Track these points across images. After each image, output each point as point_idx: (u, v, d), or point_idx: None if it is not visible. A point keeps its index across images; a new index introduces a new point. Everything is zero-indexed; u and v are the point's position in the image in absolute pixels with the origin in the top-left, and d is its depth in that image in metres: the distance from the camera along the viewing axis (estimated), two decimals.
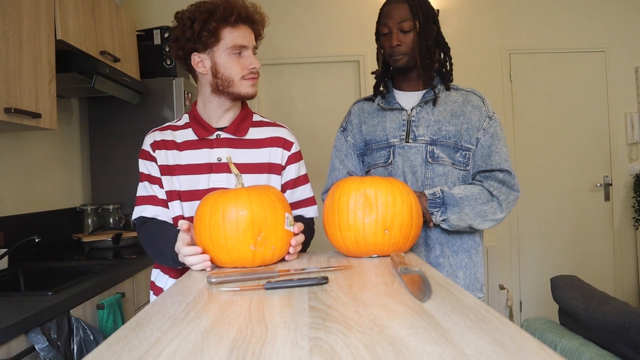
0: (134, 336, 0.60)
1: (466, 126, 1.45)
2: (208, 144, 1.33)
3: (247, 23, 1.29)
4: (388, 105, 1.50)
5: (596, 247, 3.70)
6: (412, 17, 1.42)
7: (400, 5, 1.43)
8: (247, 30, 1.29)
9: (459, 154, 1.45)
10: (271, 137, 1.37)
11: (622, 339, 1.27)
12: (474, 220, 1.40)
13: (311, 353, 0.52)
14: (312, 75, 3.67)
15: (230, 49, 1.27)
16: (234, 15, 1.25)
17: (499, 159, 1.44)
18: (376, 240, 1.09)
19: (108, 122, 2.93)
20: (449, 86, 1.50)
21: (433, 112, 1.46)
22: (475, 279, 1.49)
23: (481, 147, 1.45)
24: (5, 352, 1.20)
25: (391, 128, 1.48)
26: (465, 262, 1.47)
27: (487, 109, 1.48)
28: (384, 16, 1.46)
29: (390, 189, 1.10)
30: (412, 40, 1.43)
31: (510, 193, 1.44)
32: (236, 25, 1.27)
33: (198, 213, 1.07)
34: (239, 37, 1.27)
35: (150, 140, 1.36)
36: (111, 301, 1.72)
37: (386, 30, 1.45)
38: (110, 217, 2.81)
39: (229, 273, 0.93)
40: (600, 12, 3.69)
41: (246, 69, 1.29)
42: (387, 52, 1.46)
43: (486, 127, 1.46)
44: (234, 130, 1.34)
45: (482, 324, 0.59)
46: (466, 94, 1.50)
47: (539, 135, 3.69)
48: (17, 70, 1.77)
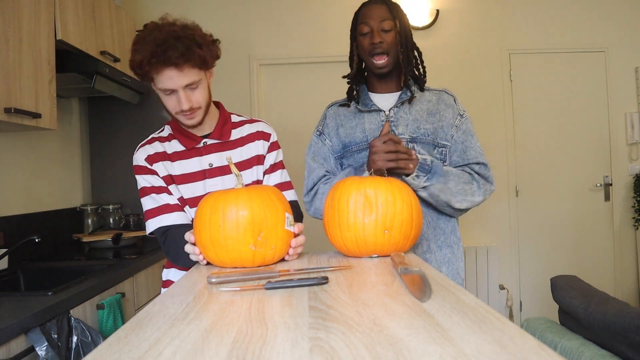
0: (134, 336, 0.60)
1: (441, 124, 1.50)
2: (197, 152, 1.38)
3: (175, 66, 1.22)
4: (365, 107, 1.52)
5: (596, 247, 3.70)
6: (392, 17, 1.45)
7: (379, 5, 1.47)
8: (173, 72, 1.23)
9: (436, 151, 1.49)
10: (251, 132, 1.44)
11: (622, 339, 1.27)
12: (455, 197, 1.43)
13: (311, 353, 0.52)
14: (311, 75, 3.67)
15: (159, 89, 1.27)
16: (155, 62, 1.21)
17: (475, 153, 1.50)
18: (376, 241, 1.09)
19: (108, 122, 2.93)
20: (423, 87, 1.54)
21: (410, 112, 1.50)
22: (457, 274, 1.52)
23: (455, 143, 1.50)
24: (5, 352, 1.20)
25: (370, 129, 1.50)
26: (449, 257, 1.51)
27: (458, 107, 1.54)
28: (363, 16, 1.48)
29: (390, 188, 1.10)
30: (392, 39, 1.45)
31: (486, 184, 1.49)
32: (160, 70, 1.23)
33: (198, 213, 1.08)
34: (163, 81, 1.24)
35: (143, 155, 1.36)
36: (111, 301, 1.72)
37: (367, 29, 1.46)
38: (110, 217, 2.81)
39: (229, 273, 0.93)
40: (600, 12, 3.69)
41: (177, 107, 1.28)
42: (367, 49, 1.46)
43: (458, 124, 1.51)
44: (218, 135, 1.40)
45: (482, 324, 0.59)
46: (439, 94, 1.55)
47: (539, 135, 3.69)
48: (17, 71, 1.77)
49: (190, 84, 1.26)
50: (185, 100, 1.26)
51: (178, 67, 1.22)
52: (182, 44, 1.21)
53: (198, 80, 1.27)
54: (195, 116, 1.30)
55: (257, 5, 3.61)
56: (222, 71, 3.49)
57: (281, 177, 1.45)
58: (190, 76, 1.25)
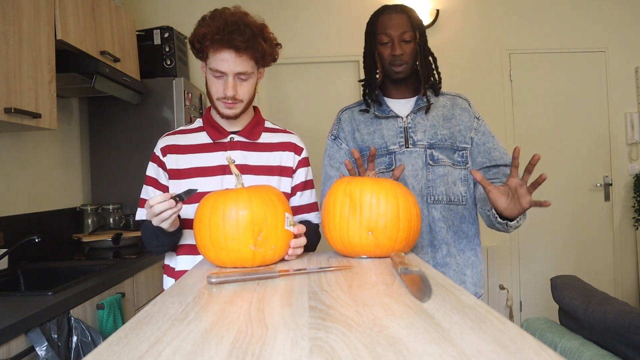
0: (134, 336, 0.60)
1: (458, 127, 1.51)
2: (222, 146, 1.37)
3: (235, 49, 1.23)
4: (383, 113, 1.52)
5: (596, 247, 3.70)
6: (412, 29, 1.45)
7: (399, 15, 1.46)
8: (231, 55, 1.24)
9: (457, 154, 1.50)
10: (283, 142, 1.42)
11: (622, 339, 1.27)
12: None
13: (311, 353, 0.52)
14: (312, 75, 3.67)
15: (210, 69, 1.28)
16: (218, 39, 1.22)
17: (500, 154, 1.52)
18: (361, 242, 1.07)
19: (108, 122, 2.93)
20: (438, 92, 1.55)
21: (427, 118, 1.51)
22: (480, 276, 1.55)
23: (477, 145, 1.53)
24: (5, 352, 1.20)
25: (389, 135, 1.51)
26: (472, 260, 1.52)
27: (473, 110, 1.57)
28: (383, 26, 1.47)
29: (376, 190, 1.08)
30: (411, 50, 1.46)
31: None
32: (218, 50, 1.24)
33: (198, 213, 1.08)
34: (218, 61, 1.25)
35: (162, 144, 1.38)
36: (111, 301, 1.72)
37: (386, 39, 1.46)
38: (110, 217, 2.81)
39: (229, 273, 0.93)
40: (600, 12, 3.69)
41: (221, 92, 1.29)
42: (387, 60, 1.47)
43: (476, 127, 1.54)
44: (247, 134, 1.39)
45: (482, 324, 0.59)
46: (453, 98, 1.57)
47: (539, 135, 3.69)
48: (17, 70, 1.77)
49: (242, 73, 1.26)
50: (231, 87, 1.26)
51: (238, 52, 1.23)
52: (250, 31, 1.23)
53: (250, 73, 1.28)
54: (235, 107, 1.31)
55: (257, 6, 3.61)
56: None
57: (310, 197, 1.45)
58: (245, 65, 1.25)
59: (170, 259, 1.41)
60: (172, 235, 1.27)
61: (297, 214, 1.40)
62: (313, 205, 1.46)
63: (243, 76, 1.27)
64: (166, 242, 1.28)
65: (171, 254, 1.40)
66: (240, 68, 1.25)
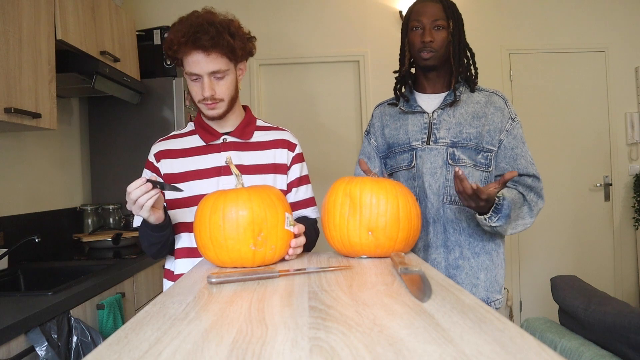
0: (134, 336, 0.60)
1: (488, 127, 1.44)
2: (215, 148, 1.37)
3: (203, 49, 1.23)
4: (410, 108, 1.50)
5: (596, 247, 3.70)
6: (445, 17, 1.42)
7: (435, 4, 1.43)
8: (200, 56, 1.24)
9: (481, 156, 1.44)
10: (275, 139, 1.41)
11: (622, 339, 1.27)
12: (510, 224, 1.39)
13: (311, 353, 0.52)
14: (312, 75, 3.67)
15: (187, 74, 1.28)
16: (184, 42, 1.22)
17: (525, 162, 1.44)
18: (360, 242, 1.07)
19: (108, 122, 2.93)
20: (474, 88, 1.49)
21: (454, 115, 1.45)
22: (495, 281, 1.48)
23: (504, 149, 1.45)
24: (5, 352, 1.20)
25: (413, 131, 1.48)
26: (487, 264, 1.46)
27: (510, 110, 1.47)
28: (416, 13, 1.44)
29: (376, 189, 1.07)
30: (443, 39, 1.42)
31: (538, 200, 1.44)
32: (187, 53, 1.24)
33: (198, 213, 1.08)
34: (190, 64, 1.26)
35: (155, 150, 1.39)
36: (111, 301, 1.72)
37: (418, 25, 1.43)
38: (110, 217, 2.81)
39: (229, 273, 0.93)
40: (600, 12, 3.69)
41: (199, 94, 1.29)
42: (417, 47, 1.43)
43: (509, 128, 1.45)
44: (239, 134, 1.38)
45: (482, 324, 0.59)
46: (489, 95, 1.49)
47: (539, 135, 3.69)
48: (17, 70, 1.77)
49: (216, 72, 1.26)
50: (208, 87, 1.26)
51: (206, 52, 1.22)
52: (214, 29, 1.22)
53: (225, 70, 1.27)
54: (216, 107, 1.30)
55: (257, 6, 3.61)
56: None
57: (306, 192, 1.44)
58: (217, 63, 1.25)
59: (170, 262, 1.40)
60: (160, 231, 1.25)
61: (293, 210, 1.39)
62: (309, 201, 1.45)
63: (218, 74, 1.27)
64: (154, 240, 1.27)
65: (170, 258, 1.40)
66: (213, 67, 1.25)
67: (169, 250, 1.37)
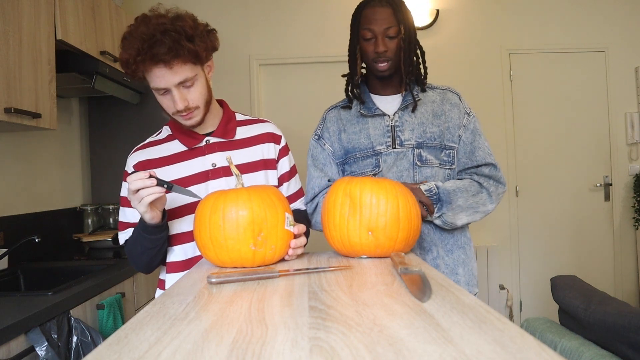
0: (134, 336, 0.60)
1: (447, 125, 1.45)
2: (199, 152, 1.29)
3: (163, 63, 1.12)
4: (369, 111, 1.46)
5: (596, 247, 3.70)
6: (397, 23, 1.39)
7: (384, 9, 1.39)
8: (162, 71, 1.14)
9: (444, 154, 1.45)
10: (260, 134, 1.36)
11: (622, 339, 1.27)
12: (466, 212, 1.40)
13: (311, 353, 0.52)
14: (311, 75, 3.67)
15: (153, 89, 1.19)
16: (141, 60, 1.12)
17: (483, 153, 1.45)
18: (361, 242, 1.07)
19: (108, 122, 2.93)
20: (424, 88, 1.49)
21: (415, 115, 1.45)
22: (472, 275, 1.50)
23: (463, 144, 1.46)
24: (5, 352, 1.20)
25: (375, 135, 1.45)
26: (462, 258, 1.48)
27: (464, 105, 1.49)
28: (367, 20, 1.41)
29: (376, 189, 1.07)
30: (396, 46, 1.40)
31: (498, 186, 1.45)
32: (148, 69, 1.14)
33: (198, 213, 1.07)
34: (154, 79, 1.16)
35: (133, 161, 1.29)
36: (111, 301, 1.72)
37: (370, 35, 1.40)
38: (110, 217, 2.81)
39: (229, 273, 0.93)
40: (600, 12, 3.69)
41: (172, 108, 1.20)
42: (371, 57, 1.41)
43: (466, 123, 1.46)
44: (222, 133, 1.31)
45: (482, 324, 0.59)
46: (443, 92, 1.49)
47: (539, 135, 3.69)
48: (17, 70, 1.77)
49: (184, 82, 1.16)
50: (179, 100, 1.17)
51: (167, 64, 1.12)
52: (169, 38, 1.10)
53: (193, 77, 1.17)
54: (193, 116, 1.22)
55: (257, 6, 3.61)
56: (221, 71, 3.49)
57: (296, 184, 1.42)
58: (182, 73, 1.15)
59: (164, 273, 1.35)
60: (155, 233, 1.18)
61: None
62: (299, 192, 1.43)
63: (187, 83, 1.17)
64: (148, 244, 1.20)
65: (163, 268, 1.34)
66: (179, 78, 1.15)
67: (161, 261, 1.31)
